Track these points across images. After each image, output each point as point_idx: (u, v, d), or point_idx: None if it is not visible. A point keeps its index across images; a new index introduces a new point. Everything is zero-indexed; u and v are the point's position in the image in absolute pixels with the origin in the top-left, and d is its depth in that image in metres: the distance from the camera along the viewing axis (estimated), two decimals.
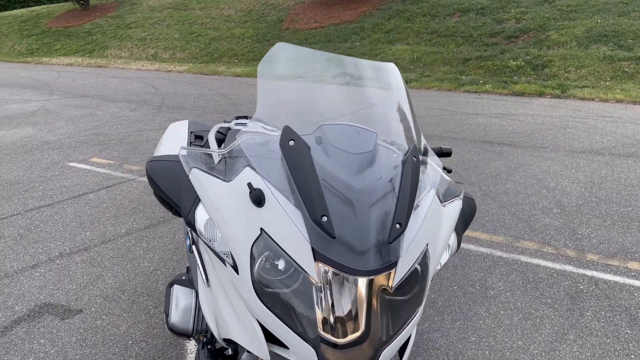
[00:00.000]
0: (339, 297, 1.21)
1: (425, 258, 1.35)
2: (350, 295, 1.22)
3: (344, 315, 1.22)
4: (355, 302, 1.23)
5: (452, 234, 1.58)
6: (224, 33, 17.66)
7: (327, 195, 1.25)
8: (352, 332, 1.22)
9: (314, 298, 1.21)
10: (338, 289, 1.21)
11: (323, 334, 1.21)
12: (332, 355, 1.21)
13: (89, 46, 19.24)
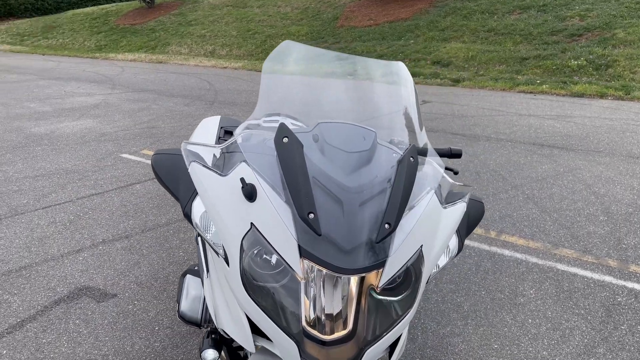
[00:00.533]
0: (326, 294, 1.23)
1: (419, 260, 1.35)
2: (337, 293, 1.24)
3: (329, 313, 1.24)
4: (342, 300, 1.24)
5: (454, 237, 1.56)
6: (279, 30, 17.90)
7: (317, 192, 1.27)
8: (337, 330, 1.24)
9: (299, 294, 1.24)
10: (325, 287, 1.24)
11: (308, 330, 1.23)
12: (314, 352, 1.23)
13: (152, 43, 20.03)
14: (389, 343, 1.31)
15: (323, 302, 1.23)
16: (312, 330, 1.24)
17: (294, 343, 1.23)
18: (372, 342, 1.26)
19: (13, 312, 2.79)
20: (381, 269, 1.25)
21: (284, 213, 1.26)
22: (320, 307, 1.23)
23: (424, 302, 2.93)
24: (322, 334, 1.24)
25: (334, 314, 1.24)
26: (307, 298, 1.23)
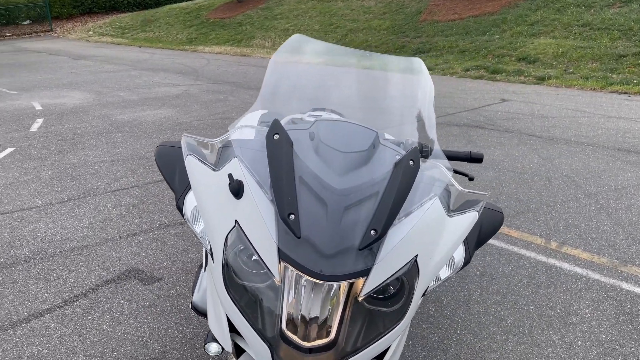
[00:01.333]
0: (305, 299, 1.19)
1: (413, 271, 1.27)
2: (318, 299, 1.20)
3: (309, 319, 1.20)
4: (322, 306, 1.20)
5: (460, 248, 1.46)
6: (361, 25, 17.79)
7: (302, 192, 1.23)
8: (316, 338, 1.20)
9: (278, 297, 1.21)
10: (304, 292, 1.20)
11: (287, 334, 1.20)
12: (288, 358, 1.20)
13: (239, 36, 20.68)
14: (371, 356, 1.25)
15: (302, 308, 1.20)
16: (291, 335, 1.21)
17: (267, 347, 1.20)
18: (352, 353, 1.21)
19: (67, 288, 3.00)
20: (365, 278, 1.19)
21: (267, 212, 1.23)
22: (298, 313, 1.20)
23: (464, 312, 2.79)
24: (302, 340, 1.20)
25: (313, 321, 1.20)
26: (286, 302, 1.20)
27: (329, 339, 1.21)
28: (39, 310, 2.81)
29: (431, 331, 2.63)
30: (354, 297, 1.20)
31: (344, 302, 1.20)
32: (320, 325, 1.21)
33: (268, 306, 1.21)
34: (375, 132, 1.41)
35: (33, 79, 11.92)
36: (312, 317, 1.20)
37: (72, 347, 2.50)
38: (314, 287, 1.19)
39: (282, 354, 1.20)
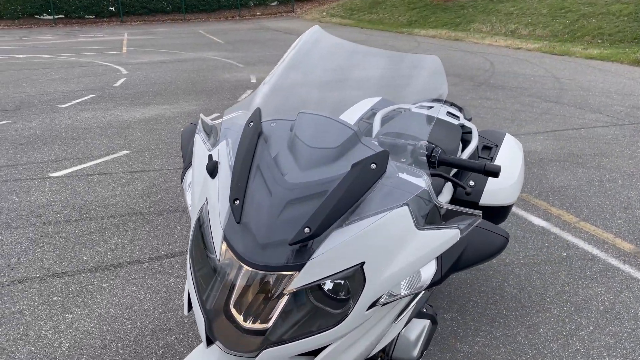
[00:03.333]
0: (238, 283, 1.30)
1: (357, 277, 1.27)
2: (254, 285, 1.30)
3: (248, 302, 1.30)
4: (258, 293, 1.29)
5: (430, 265, 1.37)
6: (598, 9, 15.64)
7: (255, 181, 1.33)
8: (254, 321, 1.30)
9: (222, 275, 1.34)
10: (243, 276, 1.30)
11: (232, 311, 1.32)
12: (216, 331, 1.32)
13: (458, 19, 20.10)
14: (299, 351, 1.29)
15: (240, 291, 1.30)
16: (234, 313, 1.32)
17: (203, 318, 1.34)
18: (277, 343, 1.27)
19: None
20: (295, 273, 1.25)
21: (225, 195, 1.36)
22: (236, 295, 1.30)
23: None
24: (242, 321, 1.31)
25: (254, 305, 1.30)
26: (220, 283, 1.31)
27: (266, 325, 1.29)
28: (173, 252, 3.40)
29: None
30: (290, 291, 1.26)
31: (278, 293, 1.27)
32: (260, 311, 1.31)
33: (215, 281, 1.35)
34: (353, 130, 1.41)
35: (261, 55, 13.56)
36: (253, 301, 1.30)
37: (181, 287, 3.00)
38: (250, 273, 1.29)
39: (216, 328, 1.33)
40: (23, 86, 9.30)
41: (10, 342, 2.52)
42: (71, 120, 6.93)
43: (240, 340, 1.32)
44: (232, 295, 1.32)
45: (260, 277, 1.28)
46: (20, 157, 5.36)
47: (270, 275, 1.26)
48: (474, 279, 3.10)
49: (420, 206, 1.36)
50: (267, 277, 1.27)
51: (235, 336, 1.32)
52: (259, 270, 1.25)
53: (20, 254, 3.39)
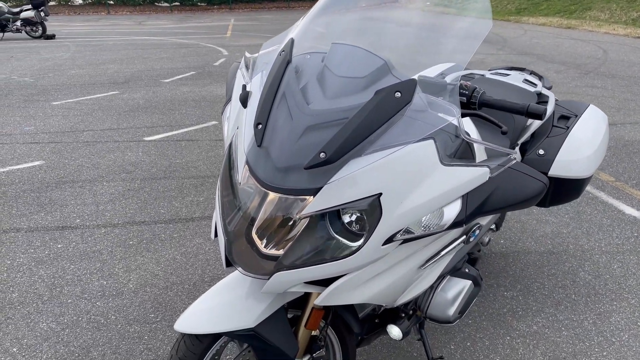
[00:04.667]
0: (255, 205, 1.32)
1: (373, 209, 1.24)
2: (270, 207, 1.32)
3: (260, 226, 1.32)
4: (271, 216, 1.31)
5: (454, 205, 1.29)
6: None
7: (279, 107, 1.33)
8: (263, 245, 1.32)
9: (246, 199, 1.37)
10: (258, 198, 1.32)
11: (253, 236, 1.35)
12: (235, 254, 1.35)
13: (573, 7, 18.66)
14: (309, 277, 1.29)
15: (254, 215, 1.32)
16: (255, 239, 1.35)
17: (224, 241, 1.38)
18: (287, 268, 1.28)
19: None
20: (310, 198, 1.25)
21: (252, 122, 1.38)
22: (251, 219, 1.33)
23: None
24: (250, 245, 1.33)
25: (272, 230, 1.32)
26: (245, 206, 1.34)
27: (283, 252, 1.31)
28: None
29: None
30: (305, 215, 1.26)
31: (294, 218, 1.28)
32: (278, 236, 1.32)
33: (237, 206, 1.38)
34: (383, 60, 1.36)
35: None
36: (271, 226, 1.32)
37: None
38: (268, 197, 1.30)
39: (235, 251, 1.36)
40: (135, 63, 10.08)
41: (87, 276, 2.77)
42: (170, 93, 7.40)
43: (257, 264, 1.34)
44: (252, 220, 1.35)
45: (277, 201, 1.29)
46: (121, 123, 5.82)
47: (286, 199, 1.26)
48: (545, 261, 2.89)
49: (448, 141, 1.29)
50: (283, 201, 1.28)
51: (253, 260, 1.35)
52: (275, 193, 1.27)
53: (108, 203, 3.69)
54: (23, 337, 2.28)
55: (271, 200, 1.30)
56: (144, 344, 2.24)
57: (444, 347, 2.22)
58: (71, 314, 2.45)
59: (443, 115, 1.29)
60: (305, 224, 1.27)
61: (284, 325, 1.48)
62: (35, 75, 8.65)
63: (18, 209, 3.57)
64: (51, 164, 4.45)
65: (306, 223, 1.27)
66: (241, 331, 1.41)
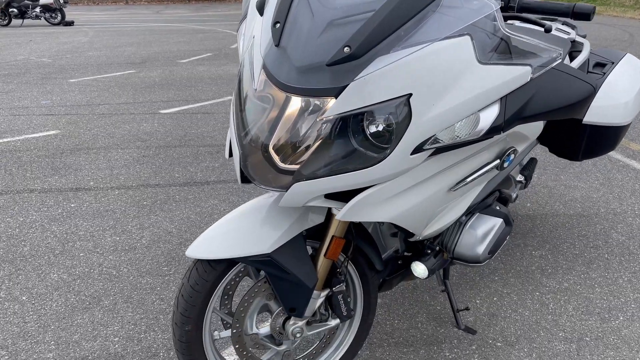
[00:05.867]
0: (274, 111, 1.22)
1: (402, 111, 1.13)
2: (287, 113, 1.22)
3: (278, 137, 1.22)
4: (290, 123, 1.21)
5: (492, 109, 1.17)
6: None
7: (299, 3, 1.22)
8: (280, 159, 1.22)
9: (261, 109, 1.27)
10: (279, 105, 1.23)
11: (271, 152, 1.26)
12: (251, 169, 1.26)
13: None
14: (325, 190, 1.19)
15: (272, 124, 1.23)
16: (273, 154, 1.26)
17: (239, 155, 1.29)
18: (306, 178, 1.18)
19: None
20: (332, 99, 1.14)
21: (269, 25, 1.28)
22: (268, 129, 1.23)
23: None
24: (266, 160, 1.24)
25: (291, 142, 1.23)
26: (262, 115, 1.25)
27: (299, 164, 1.21)
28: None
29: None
30: (329, 123, 1.16)
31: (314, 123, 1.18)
32: (296, 148, 1.23)
33: (253, 116, 1.29)
34: None
35: None
36: (289, 137, 1.23)
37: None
38: (286, 100, 1.21)
39: (251, 165, 1.27)
40: (151, 46, 10.06)
41: (100, 232, 2.71)
42: (187, 72, 7.34)
43: (274, 177, 1.25)
44: (268, 133, 1.25)
45: (296, 105, 1.19)
46: (137, 97, 5.78)
47: (306, 101, 1.17)
48: (575, 223, 2.75)
49: (485, 38, 1.18)
50: (303, 105, 1.18)
51: (269, 174, 1.26)
52: (294, 95, 1.17)
53: (122, 167, 3.63)
54: (33, 287, 2.22)
55: (290, 105, 1.20)
56: (156, 294, 2.17)
57: (469, 302, 2.11)
58: (83, 267, 2.38)
59: (480, 9, 1.17)
60: (326, 131, 1.17)
61: (302, 253, 1.39)
62: (53, 57, 8.67)
63: (32, 172, 3.53)
64: (66, 133, 4.42)
65: (327, 131, 1.17)
66: (257, 257, 1.32)
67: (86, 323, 1.99)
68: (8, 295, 2.16)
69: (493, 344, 1.87)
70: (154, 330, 1.95)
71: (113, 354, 1.83)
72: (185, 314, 1.37)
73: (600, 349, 1.84)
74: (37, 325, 1.98)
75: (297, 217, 1.37)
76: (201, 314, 1.38)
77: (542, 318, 2.00)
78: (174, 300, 1.40)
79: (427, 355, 1.82)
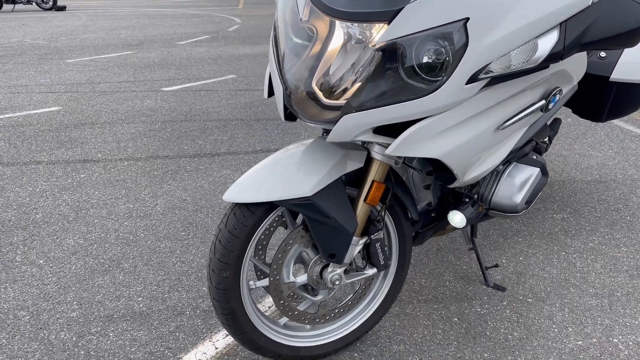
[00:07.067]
0: (322, 46, 1.19)
1: (458, 38, 1.09)
2: (334, 44, 1.18)
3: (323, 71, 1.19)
4: (336, 55, 1.17)
5: (553, 34, 1.13)
6: None
7: None
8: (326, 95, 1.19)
9: (303, 41, 1.23)
10: (328, 38, 1.19)
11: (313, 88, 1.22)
12: (296, 105, 1.22)
13: None
14: (376, 122, 1.15)
15: (312, 59, 1.19)
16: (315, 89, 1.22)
17: (283, 92, 1.25)
18: (355, 109, 1.14)
19: (300, 139, 3.51)
20: (384, 25, 1.10)
21: None
22: (314, 63, 1.19)
23: None
24: (323, 96, 1.20)
25: (337, 77, 1.19)
26: (307, 48, 1.21)
27: (345, 99, 1.17)
28: (269, 149, 3.40)
29: None
30: (380, 50, 1.12)
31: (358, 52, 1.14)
32: (343, 81, 1.19)
33: (298, 51, 1.24)
34: None
35: None
36: (336, 70, 1.19)
37: None
38: (334, 29, 1.16)
39: (295, 102, 1.23)
40: (147, 29, 9.92)
41: (112, 200, 2.65)
42: (186, 52, 7.24)
43: (319, 113, 1.21)
44: (312, 67, 1.21)
45: (341, 33, 1.15)
46: (138, 76, 5.69)
47: (355, 27, 1.12)
48: (593, 189, 2.73)
49: None
50: (349, 33, 1.14)
51: (314, 109, 1.22)
52: (342, 19, 1.13)
53: (129, 140, 3.57)
54: (49, 252, 2.17)
55: (334, 35, 1.16)
56: (177, 257, 2.12)
57: (495, 262, 2.08)
58: (98, 232, 2.33)
59: None
60: (377, 60, 1.12)
61: (342, 198, 1.35)
62: (48, 39, 8.53)
63: (37, 145, 3.46)
64: (69, 109, 4.33)
65: (378, 60, 1.12)
66: (298, 200, 1.28)
67: (107, 284, 1.95)
68: (24, 259, 2.11)
69: (524, 300, 1.84)
70: (177, 291, 1.91)
71: (138, 313, 1.79)
72: (223, 259, 1.33)
73: (633, 304, 1.82)
74: (57, 287, 1.93)
75: (336, 162, 1.33)
76: (239, 260, 1.34)
77: (570, 276, 1.98)
78: (210, 246, 1.35)
79: (458, 310, 1.80)
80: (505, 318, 1.75)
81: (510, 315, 1.77)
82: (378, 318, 1.63)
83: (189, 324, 1.74)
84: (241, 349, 1.61)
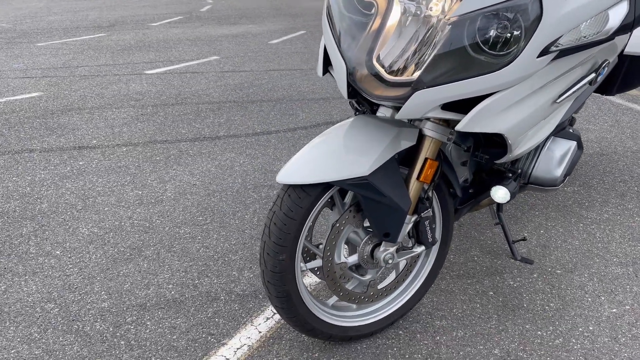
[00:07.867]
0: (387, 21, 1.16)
1: (532, 9, 1.07)
2: (401, 18, 1.16)
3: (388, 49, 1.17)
4: (404, 30, 1.15)
5: (623, 5, 1.14)
6: None
7: None
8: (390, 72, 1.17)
9: (365, 18, 1.20)
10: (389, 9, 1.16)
11: (375, 65, 1.19)
12: (357, 80, 1.20)
13: None
14: (449, 97, 1.14)
15: (373, 34, 1.17)
16: (378, 66, 1.20)
17: (344, 66, 1.22)
18: (426, 85, 1.13)
19: (295, 121, 3.47)
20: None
21: None
22: (377, 40, 1.17)
23: None
24: (387, 73, 1.18)
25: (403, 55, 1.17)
26: (369, 24, 1.19)
27: (412, 78, 1.15)
28: (269, 130, 3.35)
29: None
30: (453, 25, 1.09)
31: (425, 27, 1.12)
32: (410, 57, 1.17)
33: (359, 27, 1.22)
34: None
35: None
36: (403, 47, 1.16)
37: (280, 156, 2.94)
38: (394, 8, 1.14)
39: (357, 77, 1.20)
40: (116, 10, 9.58)
41: (119, 187, 2.57)
42: (162, 34, 7.03)
43: (384, 90, 1.19)
44: (372, 43, 1.18)
45: (404, 8, 1.13)
46: (116, 59, 5.50)
47: (413, 4, 1.10)
48: (597, 161, 2.80)
49: None
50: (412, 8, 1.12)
51: (379, 87, 1.19)
52: None
53: (123, 125, 3.46)
54: (64, 242, 2.09)
55: (395, 8, 1.14)
56: (199, 243, 2.08)
57: (517, 236, 2.12)
58: (112, 220, 2.25)
59: None
60: (449, 35, 1.10)
61: (397, 177, 1.34)
62: (12, 22, 8.14)
63: (26, 132, 3.31)
64: (51, 95, 4.16)
65: (450, 35, 1.10)
66: (354, 180, 1.26)
67: (133, 273, 1.89)
68: (39, 250, 2.03)
69: (553, 272, 1.88)
70: (207, 276, 1.87)
71: (171, 300, 1.74)
72: (279, 242, 1.30)
73: None
74: (81, 277, 1.86)
75: (389, 140, 1.31)
76: (295, 242, 1.32)
77: (592, 246, 2.03)
78: (263, 229, 1.32)
79: (491, 284, 1.82)
80: (538, 290, 1.79)
81: (543, 287, 1.80)
82: (421, 295, 1.64)
83: (226, 309, 1.71)
84: (285, 331, 1.60)
